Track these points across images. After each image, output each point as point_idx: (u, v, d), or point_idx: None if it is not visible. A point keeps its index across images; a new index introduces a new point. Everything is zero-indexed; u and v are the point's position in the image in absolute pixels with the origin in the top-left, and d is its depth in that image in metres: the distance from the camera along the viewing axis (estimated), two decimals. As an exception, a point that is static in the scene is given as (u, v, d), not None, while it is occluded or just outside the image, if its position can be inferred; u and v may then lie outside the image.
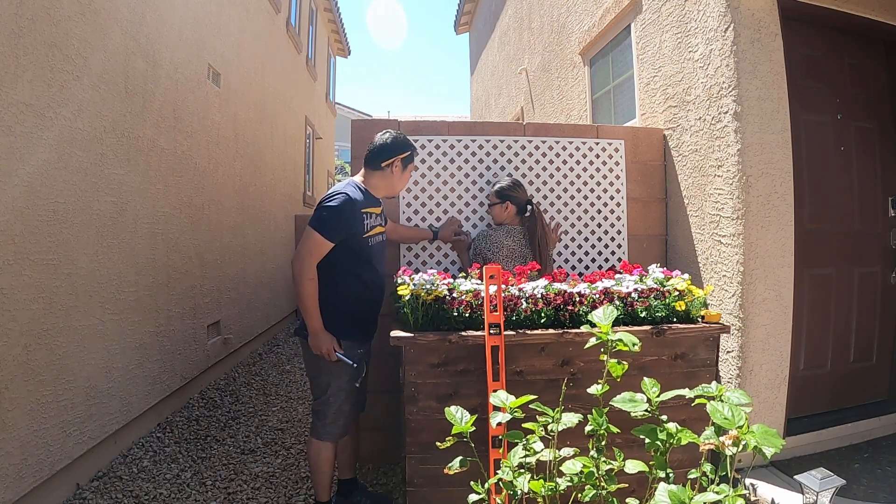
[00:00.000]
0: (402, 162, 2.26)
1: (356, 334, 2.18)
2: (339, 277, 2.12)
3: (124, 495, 2.51)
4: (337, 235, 2.06)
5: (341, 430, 2.20)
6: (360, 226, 2.13)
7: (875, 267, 2.92)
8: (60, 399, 2.42)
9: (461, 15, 9.90)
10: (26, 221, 2.21)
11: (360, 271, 2.17)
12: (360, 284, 2.17)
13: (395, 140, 2.24)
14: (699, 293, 2.13)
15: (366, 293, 2.20)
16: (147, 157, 3.23)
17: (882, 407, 2.87)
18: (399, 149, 2.24)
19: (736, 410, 1.04)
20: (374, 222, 2.21)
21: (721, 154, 2.56)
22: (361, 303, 2.19)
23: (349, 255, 2.12)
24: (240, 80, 4.99)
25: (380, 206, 2.30)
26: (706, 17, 2.62)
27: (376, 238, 2.24)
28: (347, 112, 16.61)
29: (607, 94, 3.93)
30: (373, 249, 2.21)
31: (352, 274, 2.15)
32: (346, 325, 2.14)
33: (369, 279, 2.20)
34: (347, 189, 2.14)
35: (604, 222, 2.98)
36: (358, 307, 2.18)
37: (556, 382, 1.82)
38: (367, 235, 2.16)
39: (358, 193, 2.16)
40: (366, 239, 2.16)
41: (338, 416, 2.16)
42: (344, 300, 2.13)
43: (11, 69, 2.10)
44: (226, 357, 4.57)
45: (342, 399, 2.15)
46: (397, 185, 2.32)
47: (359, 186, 2.21)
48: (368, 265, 2.20)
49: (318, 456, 2.17)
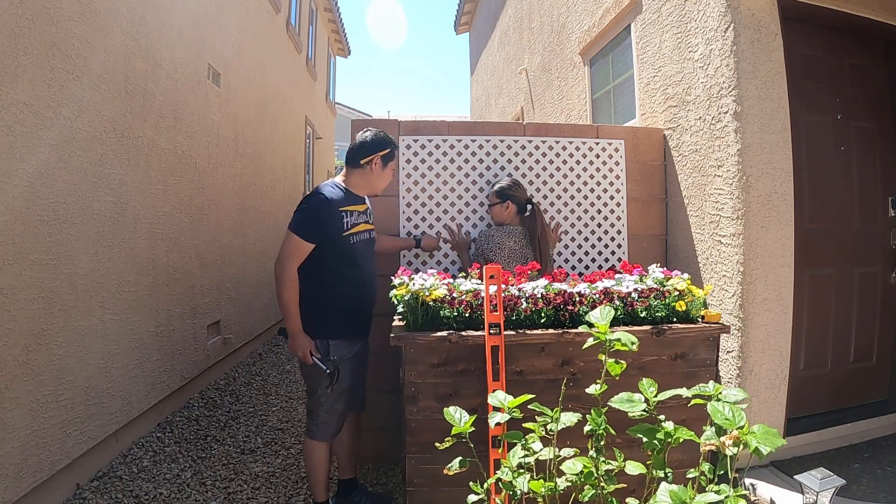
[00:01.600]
0: (381, 160, 2.24)
1: (346, 332, 2.19)
2: (325, 276, 2.14)
3: (124, 495, 2.51)
4: (314, 236, 2.08)
5: (334, 428, 2.21)
6: (339, 224, 2.13)
7: (875, 267, 2.92)
8: (60, 399, 2.42)
9: (461, 15, 9.90)
10: (26, 221, 2.21)
11: (345, 269, 2.18)
12: (346, 282, 2.18)
13: (374, 138, 2.24)
14: (699, 293, 2.12)
15: (353, 290, 2.20)
16: (147, 157, 3.23)
17: (882, 407, 2.87)
18: (378, 146, 2.23)
19: (736, 410, 1.04)
20: (355, 220, 2.20)
21: (721, 154, 2.56)
22: (349, 300, 2.19)
23: (332, 254, 2.14)
24: (240, 80, 4.99)
25: (363, 203, 2.30)
26: (706, 17, 2.62)
27: (361, 236, 2.24)
28: (347, 112, 16.61)
29: (607, 94, 3.93)
30: (356, 247, 2.20)
31: (337, 272, 2.16)
32: (335, 324, 2.15)
33: (355, 277, 2.21)
34: (324, 189, 2.16)
35: (604, 222, 2.98)
36: (346, 304, 2.18)
37: (556, 382, 1.82)
38: (349, 233, 2.17)
39: (336, 192, 2.17)
40: (347, 237, 2.16)
41: (330, 415, 2.17)
42: (331, 299, 2.15)
43: (11, 69, 2.10)
44: (226, 357, 4.57)
45: (333, 398, 2.15)
46: (378, 183, 2.30)
47: (338, 185, 2.23)
48: (353, 263, 2.20)
49: (311, 455, 2.19)
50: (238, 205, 4.96)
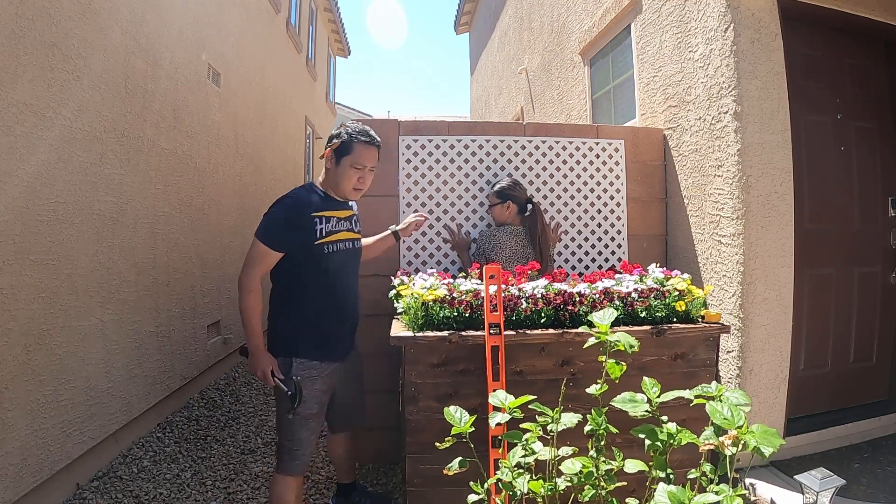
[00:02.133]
0: (333, 153, 1.94)
1: (313, 352, 1.90)
2: (292, 289, 1.90)
3: (124, 495, 2.51)
4: (279, 244, 1.85)
5: (302, 461, 1.91)
6: (309, 232, 1.87)
7: (875, 267, 2.92)
8: (60, 399, 2.42)
9: (461, 15, 9.90)
10: (26, 221, 2.21)
11: (316, 282, 1.90)
12: (316, 297, 1.91)
13: (333, 132, 1.98)
14: (699, 293, 2.13)
15: (324, 306, 1.92)
16: (147, 158, 3.23)
17: (882, 407, 2.87)
18: (330, 139, 1.95)
19: (735, 410, 1.04)
20: (332, 227, 1.92)
21: (721, 154, 2.56)
22: (318, 317, 1.91)
23: (303, 264, 1.88)
24: (240, 80, 4.99)
25: (346, 209, 2.02)
26: (706, 17, 2.62)
27: (340, 245, 1.95)
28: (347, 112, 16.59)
29: (607, 94, 3.93)
30: (331, 258, 1.91)
31: (306, 285, 1.90)
32: (300, 341, 1.89)
33: (328, 291, 1.93)
34: (298, 191, 1.93)
35: (604, 222, 2.98)
36: (315, 321, 1.91)
37: (556, 382, 1.82)
38: (322, 241, 1.89)
39: (310, 196, 1.92)
40: (320, 246, 1.88)
41: (292, 443, 1.89)
42: (298, 314, 1.91)
43: (11, 69, 2.10)
44: (226, 357, 4.57)
45: (296, 424, 1.87)
46: (340, 183, 1.95)
47: (315, 189, 1.97)
48: (325, 275, 1.91)
49: (275, 490, 1.90)
50: (238, 205, 4.96)
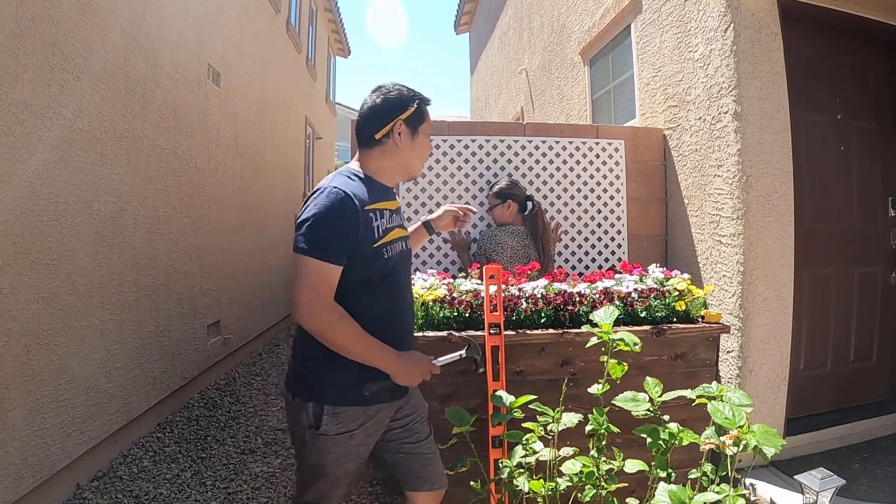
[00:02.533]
0: (405, 125, 1.47)
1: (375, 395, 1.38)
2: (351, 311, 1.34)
3: (124, 495, 2.51)
4: (338, 253, 1.31)
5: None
6: (369, 230, 1.37)
7: (875, 267, 2.92)
8: (60, 399, 2.42)
9: (461, 15, 9.90)
10: (26, 221, 2.21)
11: (381, 297, 1.42)
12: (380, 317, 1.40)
13: (388, 97, 1.47)
14: (699, 293, 2.13)
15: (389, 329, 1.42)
16: (147, 157, 3.23)
17: (882, 407, 2.87)
18: (398, 107, 1.46)
19: (737, 410, 1.04)
20: (388, 223, 1.45)
21: (721, 154, 2.56)
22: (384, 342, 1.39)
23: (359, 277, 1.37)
24: (240, 80, 4.99)
25: (393, 199, 1.55)
26: (706, 17, 2.62)
27: (396, 246, 1.47)
28: (347, 112, 16.59)
29: (607, 94, 3.93)
30: (391, 263, 1.43)
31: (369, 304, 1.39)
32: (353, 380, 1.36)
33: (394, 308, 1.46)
34: (341, 179, 1.40)
35: (604, 222, 2.98)
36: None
37: (557, 382, 1.82)
38: (381, 243, 1.40)
39: (355, 185, 1.40)
40: (380, 249, 1.39)
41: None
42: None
43: (11, 69, 2.10)
44: (226, 357, 4.57)
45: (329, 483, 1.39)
46: (412, 161, 1.53)
47: (355, 174, 1.46)
48: (393, 287, 1.46)
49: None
50: (238, 205, 4.96)
